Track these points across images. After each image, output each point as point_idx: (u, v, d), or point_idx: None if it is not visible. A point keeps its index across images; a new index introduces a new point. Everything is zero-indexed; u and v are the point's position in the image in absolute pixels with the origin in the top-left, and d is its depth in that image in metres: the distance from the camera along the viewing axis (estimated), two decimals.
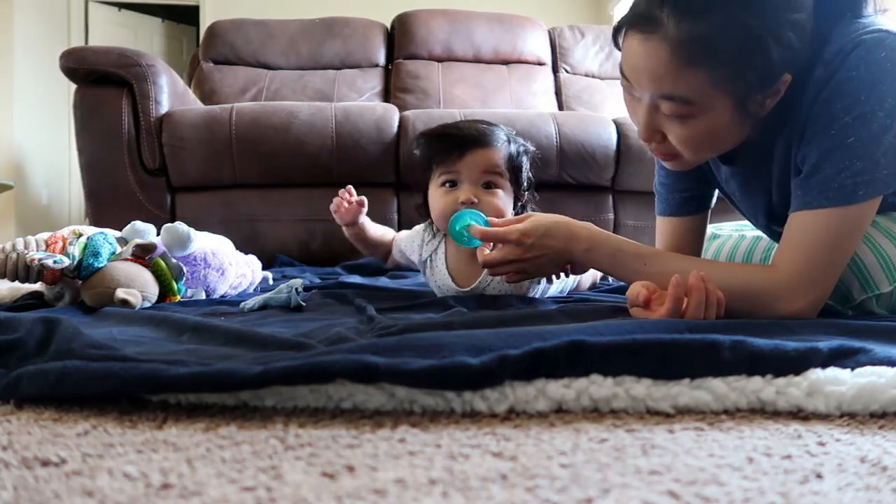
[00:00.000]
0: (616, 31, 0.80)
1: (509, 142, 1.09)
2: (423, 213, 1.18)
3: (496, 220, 0.97)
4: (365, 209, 1.24)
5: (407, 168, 2.07)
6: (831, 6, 0.78)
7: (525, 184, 1.12)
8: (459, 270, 1.13)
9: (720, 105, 0.76)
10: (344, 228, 1.27)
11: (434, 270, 1.16)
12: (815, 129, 0.78)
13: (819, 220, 0.78)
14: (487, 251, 0.96)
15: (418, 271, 1.29)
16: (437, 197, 1.08)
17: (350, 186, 1.25)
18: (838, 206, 0.77)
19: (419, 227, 1.21)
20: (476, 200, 1.04)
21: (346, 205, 1.23)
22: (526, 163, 1.11)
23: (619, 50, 0.81)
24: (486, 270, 1.04)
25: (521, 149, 1.11)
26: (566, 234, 0.90)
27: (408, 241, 1.22)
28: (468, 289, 1.12)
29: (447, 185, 1.07)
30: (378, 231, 1.29)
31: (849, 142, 0.76)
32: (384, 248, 1.30)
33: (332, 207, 1.25)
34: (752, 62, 0.73)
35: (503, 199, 1.07)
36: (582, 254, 0.89)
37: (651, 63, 0.75)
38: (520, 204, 1.13)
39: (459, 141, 1.06)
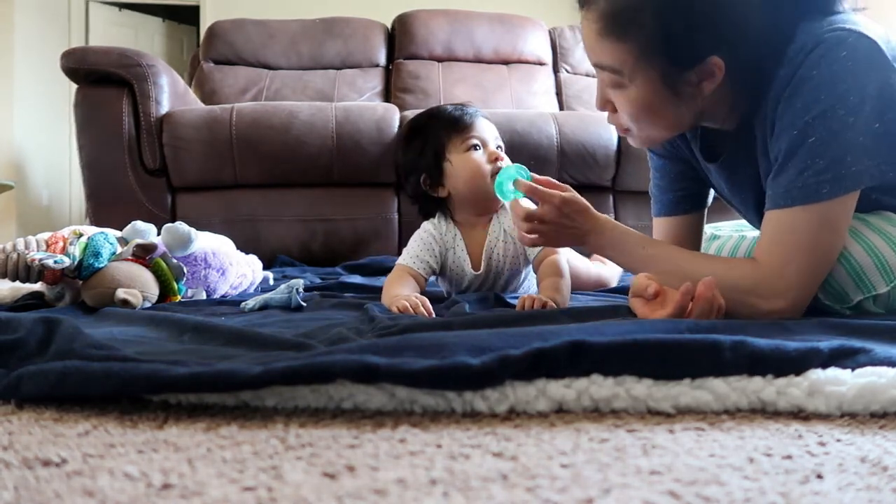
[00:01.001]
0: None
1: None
2: (428, 203, 1.20)
3: (541, 178, 0.96)
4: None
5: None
6: (796, 4, 0.79)
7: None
8: (476, 252, 1.18)
9: (647, 78, 0.80)
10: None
11: (455, 255, 1.18)
12: (780, 128, 0.80)
13: (787, 219, 0.79)
14: (523, 204, 0.97)
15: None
16: (467, 160, 1.15)
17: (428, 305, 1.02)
18: (803, 205, 0.77)
19: (423, 229, 1.19)
20: (503, 157, 1.14)
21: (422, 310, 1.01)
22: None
23: None
24: (494, 249, 1.16)
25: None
26: (592, 219, 0.92)
27: (423, 246, 1.17)
28: (480, 271, 1.17)
29: (474, 147, 1.15)
30: (410, 285, 1.14)
31: (810, 141, 0.76)
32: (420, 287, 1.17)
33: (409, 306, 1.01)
34: (673, 38, 0.76)
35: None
36: (594, 236, 0.92)
37: (586, 34, 0.83)
38: None
39: (469, 110, 1.19)
